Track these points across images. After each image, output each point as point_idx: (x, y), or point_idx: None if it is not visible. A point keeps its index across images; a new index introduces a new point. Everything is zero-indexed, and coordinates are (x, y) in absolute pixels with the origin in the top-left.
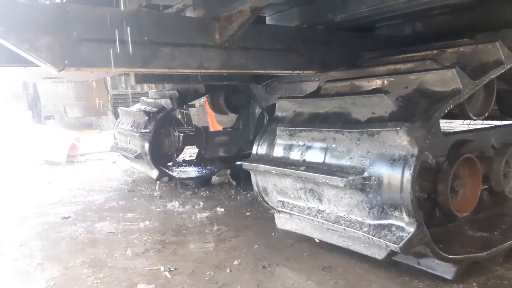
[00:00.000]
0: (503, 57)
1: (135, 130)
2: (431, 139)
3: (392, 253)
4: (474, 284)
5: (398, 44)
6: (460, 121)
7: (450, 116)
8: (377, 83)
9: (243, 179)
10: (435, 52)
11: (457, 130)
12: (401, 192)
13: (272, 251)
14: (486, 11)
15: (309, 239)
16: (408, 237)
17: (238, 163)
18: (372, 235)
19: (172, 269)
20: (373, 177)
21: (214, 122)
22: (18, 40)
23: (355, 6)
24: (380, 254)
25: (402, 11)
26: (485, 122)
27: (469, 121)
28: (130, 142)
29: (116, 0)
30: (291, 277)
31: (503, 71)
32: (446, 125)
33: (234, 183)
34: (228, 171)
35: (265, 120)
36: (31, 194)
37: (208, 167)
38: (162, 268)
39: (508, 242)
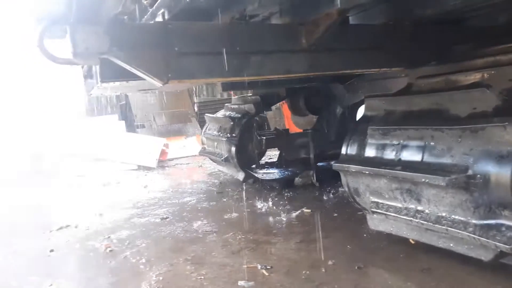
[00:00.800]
0: None
1: (222, 135)
2: None
3: (500, 254)
4: None
5: (491, 35)
6: None
7: None
8: (476, 76)
9: (326, 180)
10: None
11: None
12: (511, 190)
13: (366, 252)
14: None
15: (403, 241)
16: None
17: (320, 164)
18: (479, 236)
19: (268, 267)
20: (478, 175)
21: (291, 124)
22: (127, 58)
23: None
24: (486, 256)
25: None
26: None
27: None
28: (218, 146)
29: (210, 14)
30: (389, 278)
31: None
32: None
33: (317, 184)
34: (311, 172)
35: (348, 119)
36: (130, 197)
37: (290, 169)
38: (258, 266)
39: None
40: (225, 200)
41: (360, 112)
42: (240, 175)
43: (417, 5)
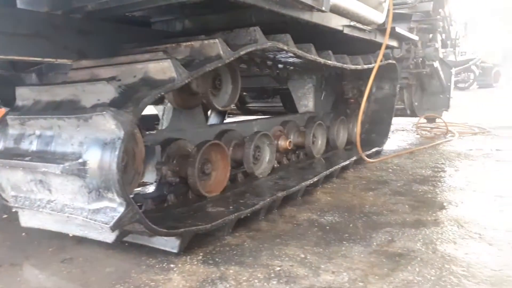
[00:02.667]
0: (221, 52)
1: None
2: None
3: (120, 235)
4: (201, 253)
5: (167, 37)
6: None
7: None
8: (112, 71)
9: None
10: (173, 45)
11: (224, 122)
12: (109, 174)
13: (14, 252)
14: (238, 14)
15: (63, 235)
16: (118, 216)
17: None
18: (90, 219)
19: None
20: (88, 161)
21: None
22: None
23: None
24: (110, 238)
25: (146, 5)
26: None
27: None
28: None
29: None
30: (21, 274)
31: (220, 65)
32: None
33: None
34: None
35: None
36: None
37: None
38: None
39: (235, 214)
40: None
41: None
42: None
43: None
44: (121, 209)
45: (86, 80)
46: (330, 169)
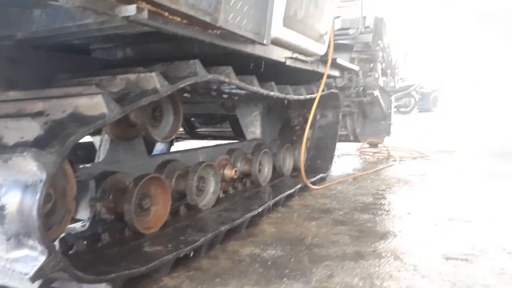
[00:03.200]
0: (158, 86)
1: None
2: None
3: (45, 283)
4: None
5: (108, 67)
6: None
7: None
8: (40, 105)
9: None
10: (109, 77)
11: (166, 152)
12: (30, 219)
13: None
14: (181, 44)
15: None
16: (39, 266)
17: None
18: (8, 268)
19: None
20: (7, 206)
21: None
22: None
23: (27, 25)
24: (32, 287)
25: (82, 36)
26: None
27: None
28: None
29: None
30: None
31: (156, 99)
32: None
33: None
34: None
35: None
36: None
37: None
38: None
39: (173, 254)
40: None
41: None
42: None
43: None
44: (42, 258)
45: (11, 115)
46: (275, 198)
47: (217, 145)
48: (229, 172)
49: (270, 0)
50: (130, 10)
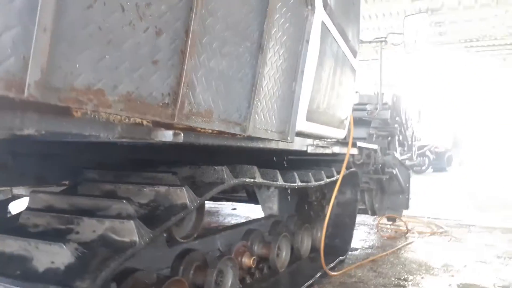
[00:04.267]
0: (188, 201)
1: None
2: None
3: None
4: None
5: (125, 156)
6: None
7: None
8: (72, 221)
9: None
10: (137, 188)
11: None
12: None
13: None
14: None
15: None
16: None
17: None
18: None
19: None
20: None
21: None
22: None
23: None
24: None
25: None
26: None
27: None
28: None
29: None
30: None
31: (184, 215)
32: None
33: None
34: None
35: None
36: None
37: None
38: None
39: None
40: None
41: None
42: None
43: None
44: None
45: (40, 234)
46: None
47: (234, 227)
48: (247, 261)
49: (295, 100)
50: (167, 136)
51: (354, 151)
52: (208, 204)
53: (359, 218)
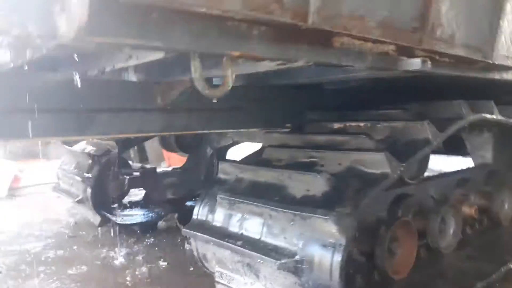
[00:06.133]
0: (430, 136)
1: (78, 173)
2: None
3: None
4: None
5: (343, 99)
6: None
7: None
8: (313, 155)
9: None
10: (368, 125)
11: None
12: (330, 280)
13: None
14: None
15: None
16: None
17: (188, 203)
18: None
19: None
20: (305, 261)
21: (170, 154)
22: None
23: (296, 76)
24: None
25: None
26: None
27: None
28: (73, 184)
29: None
30: None
31: (428, 150)
32: None
33: (182, 227)
34: (176, 215)
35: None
36: None
37: (155, 210)
38: None
39: None
40: (75, 247)
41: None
42: (96, 219)
43: (273, 77)
44: None
45: (290, 166)
46: None
47: (445, 175)
48: (468, 210)
49: None
50: (415, 64)
51: None
52: None
53: None
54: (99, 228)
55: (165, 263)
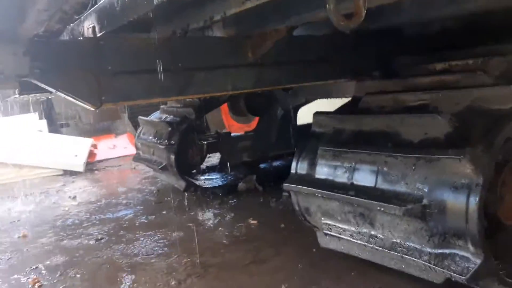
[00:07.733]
0: None
1: (159, 141)
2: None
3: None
4: None
5: (428, 44)
6: None
7: None
8: (422, 97)
9: (269, 182)
10: (479, 61)
11: None
12: (466, 222)
13: (318, 271)
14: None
15: (351, 256)
16: (475, 269)
17: (262, 166)
18: (434, 264)
19: None
20: (433, 205)
21: (231, 123)
22: (52, 81)
23: (391, 17)
24: (438, 279)
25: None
26: None
27: None
28: (155, 153)
29: (148, 27)
30: None
31: None
32: None
33: (261, 188)
34: (254, 177)
35: (292, 121)
36: (58, 211)
37: (232, 173)
38: None
39: None
40: (164, 212)
41: (302, 116)
42: (181, 184)
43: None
44: (477, 261)
45: (402, 111)
46: None
47: None
48: None
49: None
50: None
51: None
52: None
53: None
54: (185, 193)
55: (255, 221)
